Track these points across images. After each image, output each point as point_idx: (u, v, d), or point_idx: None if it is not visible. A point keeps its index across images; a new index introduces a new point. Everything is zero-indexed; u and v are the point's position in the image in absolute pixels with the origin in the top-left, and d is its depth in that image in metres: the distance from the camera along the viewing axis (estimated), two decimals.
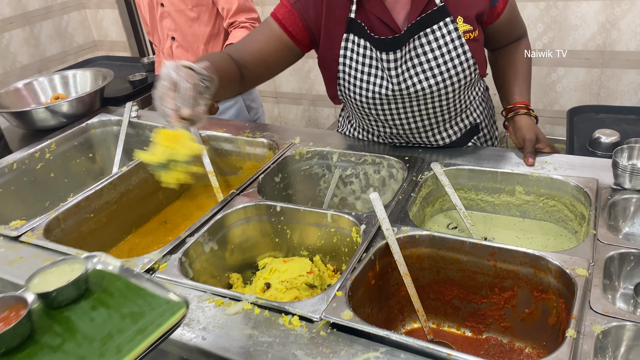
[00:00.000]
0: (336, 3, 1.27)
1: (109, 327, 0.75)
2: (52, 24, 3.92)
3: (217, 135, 1.65)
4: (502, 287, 1.06)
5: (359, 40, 1.27)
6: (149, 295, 0.79)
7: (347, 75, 1.31)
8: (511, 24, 1.39)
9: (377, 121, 1.38)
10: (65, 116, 1.85)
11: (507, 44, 1.45)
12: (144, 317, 0.76)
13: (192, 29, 1.93)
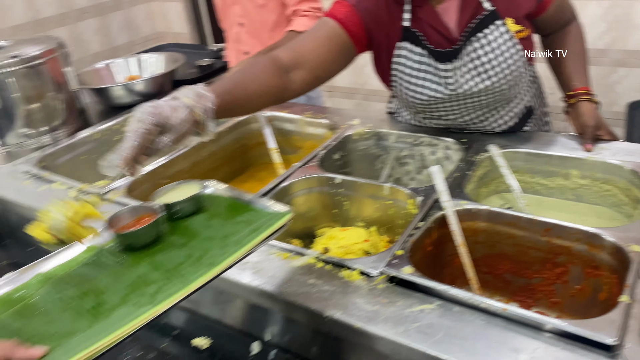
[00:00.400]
0: (392, 9, 1.32)
1: (225, 230, 0.88)
2: (121, 15, 4.15)
3: (280, 116, 1.75)
4: (554, 262, 1.10)
5: (414, 48, 1.31)
6: (257, 209, 0.92)
7: (400, 79, 1.36)
8: (560, 10, 1.40)
9: (432, 117, 1.44)
10: (139, 94, 1.99)
11: (557, 30, 1.46)
12: (255, 222, 0.89)
13: (260, 15, 2.03)
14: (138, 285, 0.78)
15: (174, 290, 0.76)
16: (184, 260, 0.82)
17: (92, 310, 0.75)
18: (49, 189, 1.45)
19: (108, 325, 0.71)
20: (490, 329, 0.86)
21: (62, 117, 1.78)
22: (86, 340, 0.69)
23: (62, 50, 1.77)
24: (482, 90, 1.31)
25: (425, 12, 1.29)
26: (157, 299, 0.75)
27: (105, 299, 0.77)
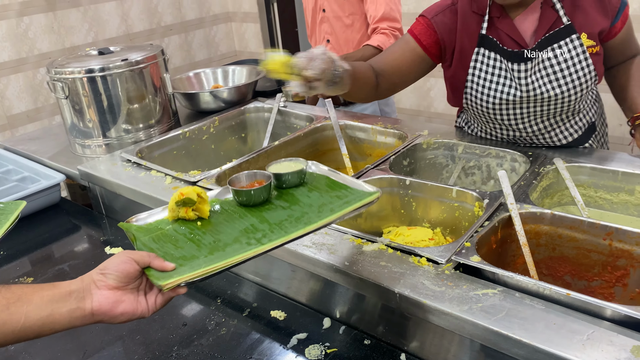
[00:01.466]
0: (470, 20, 1.44)
1: (322, 200, 1.05)
2: (202, 33, 4.46)
3: (352, 125, 1.88)
4: (615, 265, 1.15)
5: (489, 53, 1.43)
6: (350, 187, 1.08)
7: (475, 84, 1.47)
8: (627, 42, 1.48)
9: (500, 126, 1.53)
10: (224, 101, 2.18)
11: (622, 62, 1.53)
12: (348, 197, 1.05)
13: (346, 34, 2.19)
14: (247, 231, 0.97)
15: (276, 237, 0.95)
16: (285, 219, 1.00)
17: (211, 244, 0.94)
18: (147, 175, 1.64)
19: (222, 255, 0.91)
20: (550, 313, 0.93)
21: (157, 117, 1.99)
22: (205, 263, 0.89)
23: (163, 57, 1.99)
24: (552, 97, 1.39)
25: (503, 22, 1.40)
26: (262, 241, 0.94)
27: (221, 238, 0.96)
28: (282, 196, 1.07)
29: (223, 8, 4.57)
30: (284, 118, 2.08)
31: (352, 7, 2.13)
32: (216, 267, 0.87)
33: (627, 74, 1.51)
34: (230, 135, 2.10)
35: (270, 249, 0.92)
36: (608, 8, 1.37)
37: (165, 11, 4.12)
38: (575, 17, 1.36)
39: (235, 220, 1.00)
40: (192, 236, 0.97)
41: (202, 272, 0.86)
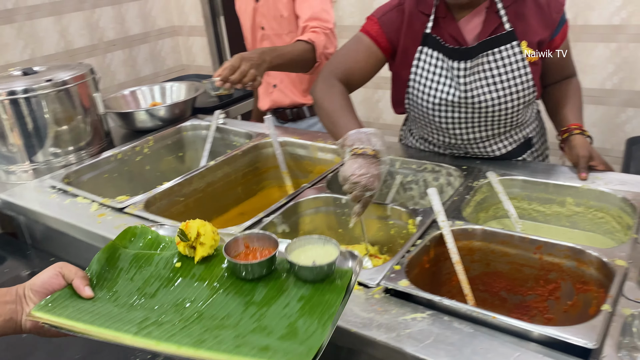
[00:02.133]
0: (415, 19, 1.46)
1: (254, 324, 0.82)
2: (148, 48, 4.35)
3: (292, 141, 1.84)
4: (546, 279, 1.15)
5: (432, 52, 1.44)
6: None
7: (417, 83, 1.47)
8: (565, 60, 1.51)
9: (438, 130, 1.52)
10: (161, 119, 2.11)
11: (558, 81, 1.56)
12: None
13: None
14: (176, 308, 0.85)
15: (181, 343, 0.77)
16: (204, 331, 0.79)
17: (131, 304, 0.87)
18: (73, 202, 1.55)
19: (115, 325, 0.81)
20: (477, 337, 0.91)
21: (88, 138, 1.89)
22: (96, 320, 0.81)
23: (92, 76, 1.90)
24: (488, 101, 1.40)
25: (447, 22, 1.41)
26: (152, 335, 0.78)
27: (155, 302, 0.87)
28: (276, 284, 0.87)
29: (168, 22, 4.48)
30: (223, 135, 2.02)
31: (289, 24, 2.09)
32: (86, 331, 0.79)
33: (561, 93, 1.54)
34: (166, 154, 2.03)
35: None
36: (549, 20, 1.40)
37: (107, 26, 4.00)
38: (517, 25, 1.38)
39: (200, 286, 0.87)
40: (148, 278, 0.89)
41: (69, 325, 0.79)
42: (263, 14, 2.10)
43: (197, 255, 0.91)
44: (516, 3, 1.38)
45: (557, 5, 1.41)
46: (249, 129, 1.98)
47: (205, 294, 0.86)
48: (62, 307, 0.83)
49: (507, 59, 1.38)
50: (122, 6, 4.06)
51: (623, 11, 2.71)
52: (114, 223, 1.40)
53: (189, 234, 0.89)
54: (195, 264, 0.91)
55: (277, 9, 2.06)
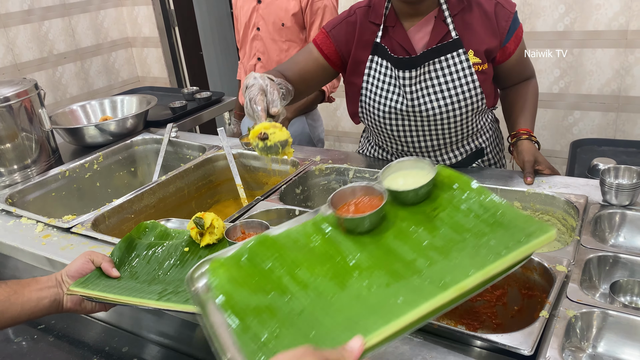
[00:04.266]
0: (366, 29, 1.47)
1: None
2: (101, 60, 4.26)
3: (246, 153, 1.83)
4: (493, 285, 1.17)
5: (381, 61, 1.45)
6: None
7: (369, 91, 1.49)
8: (521, 65, 1.54)
9: (391, 138, 1.54)
10: (112, 134, 2.06)
11: (516, 83, 1.59)
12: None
13: (279, 57, 2.14)
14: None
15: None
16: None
17: (155, 276, 1.06)
18: (17, 223, 1.49)
19: (145, 291, 1.00)
20: (426, 346, 0.92)
21: (33, 156, 1.83)
22: (130, 292, 0.99)
23: (37, 92, 1.84)
24: (435, 109, 1.42)
25: (396, 31, 1.43)
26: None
27: (171, 273, 1.06)
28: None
29: (121, 33, 4.39)
30: (175, 149, 1.99)
31: (290, 34, 2.10)
32: (117, 299, 0.96)
33: (517, 96, 1.56)
34: (118, 170, 1.98)
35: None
36: (496, 28, 1.41)
37: (57, 39, 3.89)
38: (464, 34, 1.40)
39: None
40: (162, 260, 1.06)
41: (103, 296, 0.96)
42: (262, 16, 2.11)
43: (204, 242, 1.08)
44: (463, 12, 1.40)
45: (505, 13, 1.41)
46: (202, 141, 1.95)
47: None
48: (94, 284, 1.00)
49: (452, 67, 1.40)
50: (72, 18, 3.97)
51: (566, 18, 2.81)
52: (60, 244, 1.36)
53: (206, 223, 1.07)
54: (200, 249, 1.08)
55: (279, 17, 2.07)
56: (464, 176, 0.92)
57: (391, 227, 0.88)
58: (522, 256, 0.78)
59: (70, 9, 3.94)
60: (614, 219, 1.24)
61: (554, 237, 0.80)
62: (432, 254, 0.82)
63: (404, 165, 0.97)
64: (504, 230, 0.82)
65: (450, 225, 0.86)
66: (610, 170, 1.28)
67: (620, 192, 1.23)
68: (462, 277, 0.76)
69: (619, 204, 1.25)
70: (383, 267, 0.81)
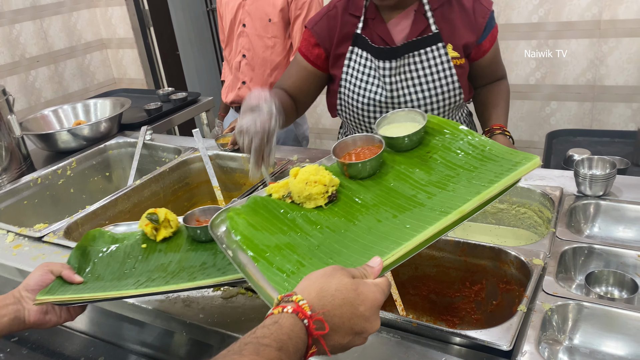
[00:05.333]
0: (347, 22, 1.47)
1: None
2: (75, 62, 4.18)
3: (222, 154, 1.81)
4: (472, 280, 1.17)
5: (361, 52, 1.45)
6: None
7: (348, 82, 1.48)
8: (494, 64, 1.55)
9: (369, 131, 1.53)
10: (86, 139, 2.02)
11: (488, 83, 1.60)
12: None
13: (265, 54, 2.12)
14: (161, 268, 0.99)
15: (178, 281, 0.93)
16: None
17: (122, 272, 1.01)
18: None
19: (115, 286, 0.97)
20: (403, 345, 0.91)
21: (3, 164, 1.79)
22: (97, 289, 0.96)
23: (5, 98, 1.80)
24: (414, 101, 1.42)
25: (376, 23, 1.43)
26: (168, 282, 0.94)
27: (137, 268, 1.02)
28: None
29: (96, 35, 4.32)
30: (150, 152, 1.95)
31: (276, 30, 2.07)
32: (93, 297, 0.92)
33: (489, 95, 1.57)
34: (92, 175, 1.94)
35: (161, 292, 0.92)
36: (474, 24, 1.42)
37: (28, 42, 3.81)
38: (444, 28, 1.41)
39: (172, 254, 1.02)
40: (122, 260, 1.03)
41: (76, 297, 0.92)
42: (248, 12, 2.08)
43: (160, 236, 1.07)
44: (443, 7, 1.41)
45: (483, 10, 1.43)
46: (177, 143, 1.93)
47: (177, 257, 1.02)
48: (62, 290, 0.96)
49: (432, 60, 1.41)
50: (44, 21, 3.89)
51: (541, 9, 2.83)
52: (31, 254, 1.32)
53: (160, 217, 1.06)
54: (158, 243, 1.07)
55: (266, 12, 2.04)
56: (451, 122, 1.02)
57: (390, 170, 0.98)
58: (512, 181, 0.88)
59: (42, 12, 3.85)
60: (589, 210, 1.25)
61: (539, 163, 0.90)
62: (431, 189, 0.91)
63: (397, 116, 1.06)
64: (492, 162, 0.92)
65: (444, 164, 0.96)
66: (584, 161, 1.29)
67: (594, 183, 1.23)
68: (460, 202, 0.85)
69: (593, 195, 1.25)
70: (387, 203, 0.90)
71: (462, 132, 1.00)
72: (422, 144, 1.02)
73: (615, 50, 2.74)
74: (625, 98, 2.82)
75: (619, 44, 2.72)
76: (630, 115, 2.84)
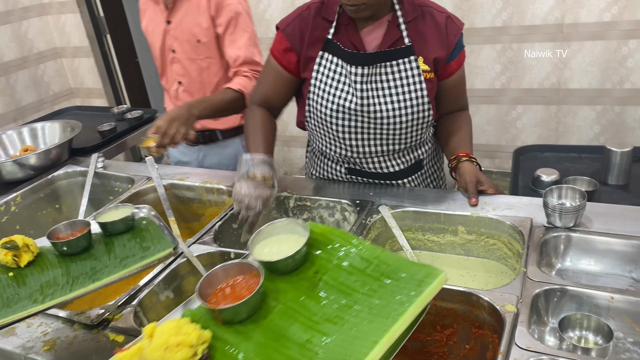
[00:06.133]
0: (319, 26, 1.44)
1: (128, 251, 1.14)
2: (28, 73, 3.99)
3: (178, 184, 1.71)
4: (443, 324, 1.11)
5: (332, 57, 1.42)
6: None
7: (317, 88, 1.44)
8: (458, 89, 1.52)
9: (336, 140, 1.49)
10: (33, 168, 1.89)
11: (451, 112, 1.56)
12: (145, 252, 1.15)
13: (201, 77, 2.00)
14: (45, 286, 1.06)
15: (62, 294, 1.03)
16: (87, 271, 1.09)
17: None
18: None
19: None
20: None
21: None
22: None
23: None
24: (383, 111, 1.39)
25: (349, 30, 1.40)
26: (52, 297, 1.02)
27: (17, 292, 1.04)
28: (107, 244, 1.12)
29: (49, 44, 4.13)
30: (102, 181, 1.84)
31: (208, 50, 1.94)
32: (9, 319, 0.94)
33: (453, 122, 1.54)
34: (41, 208, 1.82)
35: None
36: (445, 40, 1.41)
37: None
38: (416, 40, 1.39)
39: (49, 271, 1.07)
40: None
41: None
42: (175, 36, 1.95)
43: (24, 261, 1.08)
44: (416, 20, 1.40)
45: (454, 28, 1.42)
46: (131, 171, 1.82)
47: (60, 271, 1.07)
48: None
49: (403, 72, 1.38)
50: None
51: (504, 13, 2.80)
52: None
53: (19, 243, 1.08)
54: (25, 268, 1.08)
55: (193, 34, 1.92)
56: (337, 230, 0.90)
57: (275, 305, 0.81)
58: (420, 308, 0.76)
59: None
60: (559, 243, 1.20)
61: (445, 280, 0.80)
62: (326, 328, 0.76)
63: (274, 229, 0.94)
64: (393, 282, 0.79)
65: (337, 287, 0.82)
66: (553, 191, 1.25)
67: (564, 215, 1.19)
68: (366, 348, 0.70)
69: (564, 226, 1.21)
70: (276, 357, 0.73)
71: (351, 243, 0.87)
72: (308, 261, 0.87)
73: (578, 53, 2.73)
74: (589, 101, 2.82)
75: (581, 47, 2.71)
76: (594, 117, 2.85)
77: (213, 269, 0.85)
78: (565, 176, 1.67)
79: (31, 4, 3.94)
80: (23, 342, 1.09)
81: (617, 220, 1.22)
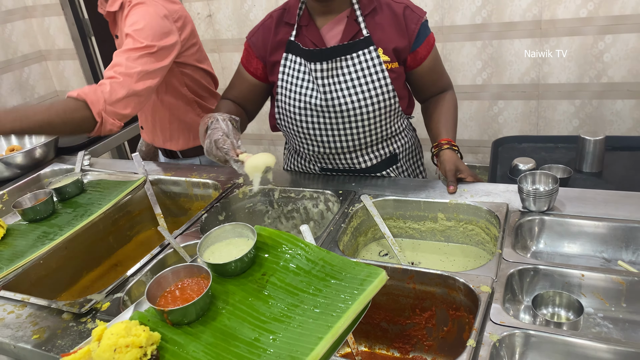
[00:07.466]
0: (280, 31, 1.49)
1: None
2: (12, 76, 3.98)
3: (164, 179, 1.73)
4: (422, 307, 1.15)
5: (295, 57, 1.46)
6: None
7: (284, 89, 1.49)
8: (435, 73, 1.55)
9: (307, 138, 1.52)
10: (20, 167, 1.91)
11: (434, 94, 1.59)
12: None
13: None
14: None
15: None
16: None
17: None
18: None
19: None
20: None
21: None
22: None
23: None
24: (349, 104, 1.42)
25: (310, 30, 1.45)
26: None
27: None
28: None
29: (33, 47, 4.12)
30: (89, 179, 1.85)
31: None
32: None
33: (437, 107, 1.57)
34: None
35: None
36: (405, 29, 1.44)
37: None
38: (374, 33, 1.43)
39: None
40: None
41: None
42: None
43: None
44: (374, 12, 1.43)
45: (414, 17, 1.45)
46: (117, 168, 1.84)
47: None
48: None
49: (364, 63, 1.42)
50: None
51: (483, 10, 2.85)
52: None
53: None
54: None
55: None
56: (284, 233, 0.92)
57: (223, 306, 0.84)
58: (363, 305, 0.80)
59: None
60: (534, 226, 1.25)
61: (386, 278, 0.83)
62: (274, 326, 0.80)
63: (224, 232, 0.95)
64: (337, 282, 0.83)
65: (284, 288, 0.86)
66: (527, 177, 1.29)
67: (538, 199, 1.23)
68: (311, 344, 0.74)
69: (538, 210, 1.25)
70: (225, 356, 0.77)
71: (298, 246, 0.90)
72: (256, 263, 0.91)
73: (556, 49, 2.79)
74: (568, 95, 2.88)
75: (559, 43, 2.78)
76: (573, 111, 2.91)
77: (162, 272, 0.87)
78: (542, 165, 1.72)
79: (15, 7, 3.93)
80: (12, 332, 1.11)
81: (589, 203, 1.27)
